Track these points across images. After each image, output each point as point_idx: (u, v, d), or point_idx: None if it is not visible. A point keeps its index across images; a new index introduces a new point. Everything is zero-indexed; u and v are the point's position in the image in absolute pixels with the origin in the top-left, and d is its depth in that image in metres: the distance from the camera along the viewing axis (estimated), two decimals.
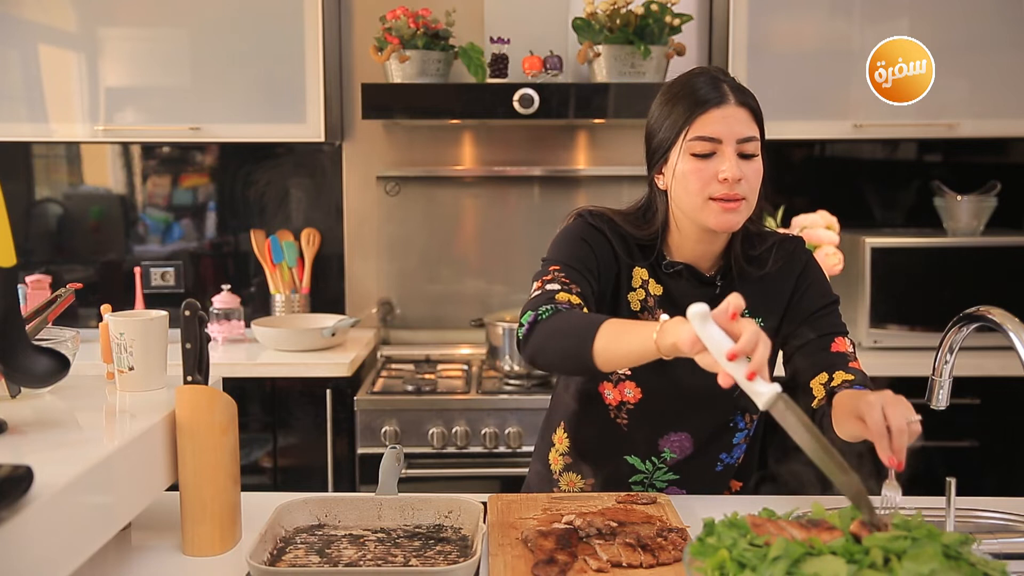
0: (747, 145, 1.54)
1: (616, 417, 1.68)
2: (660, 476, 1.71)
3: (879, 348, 2.97)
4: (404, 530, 1.49)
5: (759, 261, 1.66)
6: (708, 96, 1.54)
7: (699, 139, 1.53)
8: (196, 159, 3.41)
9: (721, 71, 1.61)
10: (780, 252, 1.68)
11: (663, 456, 1.69)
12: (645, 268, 1.65)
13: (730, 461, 1.72)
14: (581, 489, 1.75)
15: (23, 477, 1.03)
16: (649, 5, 2.93)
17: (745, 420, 1.70)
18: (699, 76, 1.58)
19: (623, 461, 1.70)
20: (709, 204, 1.55)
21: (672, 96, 1.58)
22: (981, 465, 2.88)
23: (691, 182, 1.55)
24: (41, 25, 3.05)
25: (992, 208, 3.12)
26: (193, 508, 1.43)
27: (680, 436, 1.68)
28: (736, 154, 1.53)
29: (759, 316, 1.64)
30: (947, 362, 1.47)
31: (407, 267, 3.39)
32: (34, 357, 1.28)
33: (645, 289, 1.64)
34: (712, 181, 1.53)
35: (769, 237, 1.70)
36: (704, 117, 1.53)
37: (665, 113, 1.58)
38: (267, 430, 2.94)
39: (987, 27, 3.03)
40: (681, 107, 1.55)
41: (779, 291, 1.67)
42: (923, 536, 1.04)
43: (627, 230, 1.65)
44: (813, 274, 1.70)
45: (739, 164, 1.53)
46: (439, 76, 3.01)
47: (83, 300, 3.08)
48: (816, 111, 3.05)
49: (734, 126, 1.53)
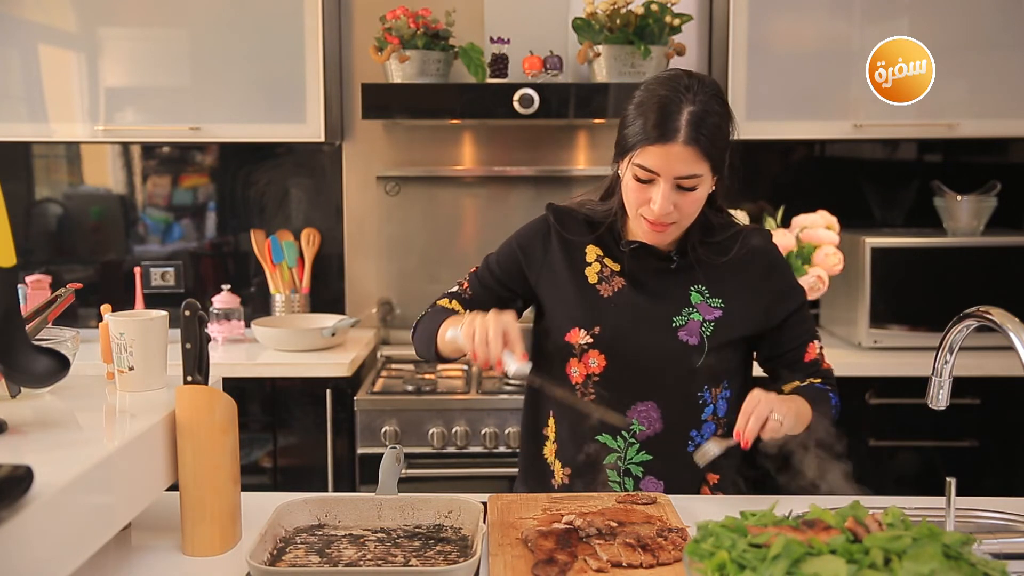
0: (686, 180, 1.60)
1: (584, 395, 1.73)
2: (633, 456, 1.72)
3: (879, 348, 2.97)
4: (404, 530, 1.49)
5: (720, 248, 1.74)
6: (659, 129, 1.57)
7: (640, 167, 1.61)
8: (196, 159, 3.41)
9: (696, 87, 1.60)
10: (745, 242, 1.75)
11: (632, 429, 1.71)
12: (599, 246, 1.76)
13: (701, 441, 1.74)
14: (562, 478, 1.77)
15: (23, 477, 1.03)
16: (649, 5, 2.93)
17: (711, 394, 1.73)
18: (664, 101, 1.59)
19: (595, 442, 1.72)
20: (640, 219, 1.66)
21: (640, 105, 1.63)
22: (981, 465, 2.88)
23: (629, 197, 1.66)
24: (41, 25, 3.05)
25: (992, 208, 3.12)
26: (193, 508, 1.43)
27: (647, 405, 1.71)
28: (673, 187, 1.60)
29: (719, 297, 1.72)
30: (947, 362, 1.47)
31: (407, 267, 3.39)
32: (34, 357, 1.28)
33: (601, 263, 1.76)
34: (645, 204, 1.63)
35: (733, 227, 1.78)
36: (649, 149, 1.59)
37: (634, 116, 1.63)
38: (267, 430, 2.94)
39: (987, 27, 3.03)
40: (638, 125, 1.61)
41: (742, 280, 1.74)
42: (923, 536, 1.04)
43: (585, 213, 1.78)
44: (785, 273, 1.79)
45: (673, 196, 1.60)
46: (439, 76, 3.01)
47: (83, 300, 3.08)
48: (816, 111, 3.05)
49: (674, 164, 1.58)
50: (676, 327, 1.70)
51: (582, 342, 1.71)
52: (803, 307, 1.77)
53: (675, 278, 1.73)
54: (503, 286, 1.81)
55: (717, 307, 1.72)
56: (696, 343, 1.69)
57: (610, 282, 1.74)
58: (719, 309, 1.71)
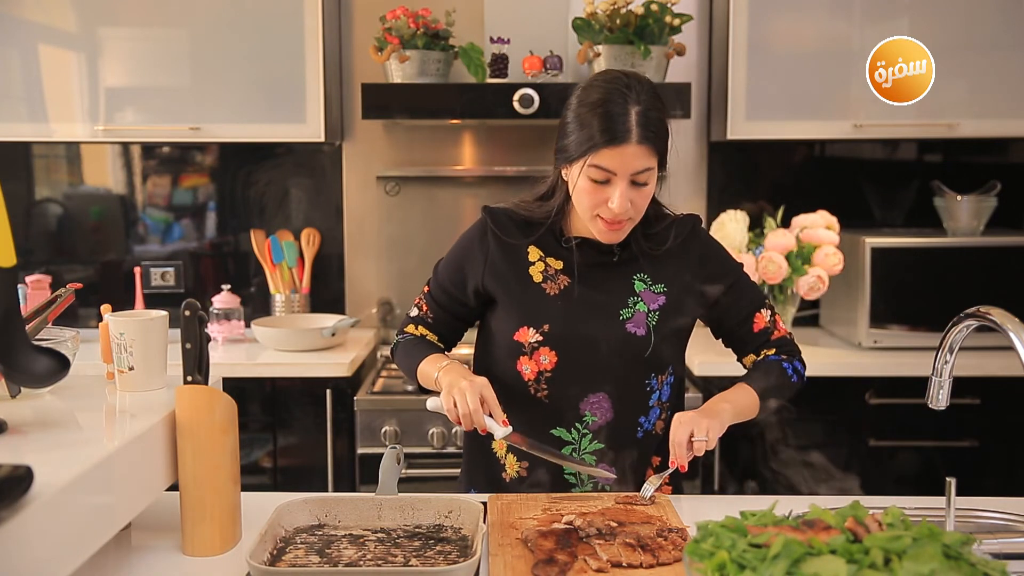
0: (640, 175, 1.64)
1: (536, 392, 1.74)
2: (587, 447, 1.74)
3: (879, 348, 2.97)
4: (404, 530, 1.49)
5: (658, 238, 1.78)
6: (613, 132, 1.61)
7: (596, 167, 1.64)
8: (196, 159, 3.41)
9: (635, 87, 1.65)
10: (679, 229, 1.80)
11: (585, 420, 1.73)
12: (540, 247, 1.79)
13: (648, 427, 1.77)
14: (517, 471, 1.78)
15: (23, 477, 1.03)
16: (649, 5, 2.93)
17: (657, 381, 1.76)
18: (613, 98, 1.63)
19: (550, 436, 1.74)
20: (596, 220, 1.69)
21: (585, 109, 1.65)
22: (981, 465, 2.88)
23: (584, 199, 1.68)
24: (41, 25, 3.05)
25: (992, 208, 3.11)
26: (193, 508, 1.43)
27: (599, 397, 1.73)
28: (628, 184, 1.64)
29: (661, 283, 1.77)
30: (947, 362, 1.47)
31: (407, 267, 3.39)
32: (34, 357, 1.28)
33: (544, 262, 1.78)
34: (602, 204, 1.66)
35: (667, 216, 1.82)
36: (604, 151, 1.62)
37: (576, 125, 1.66)
38: (267, 430, 2.94)
39: (987, 27, 3.03)
40: (587, 131, 1.64)
41: (680, 264, 1.79)
42: (923, 536, 1.04)
43: (525, 214, 1.80)
44: (716, 252, 1.84)
45: (629, 193, 1.64)
46: (439, 76, 3.01)
47: (83, 300, 3.08)
48: (816, 111, 3.05)
49: (630, 162, 1.62)
50: (623, 319, 1.73)
51: (532, 340, 1.73)
52: (739, 281, 1.81)
53: (618, 270, 1.77)
54: (456, 301, 1.84)
55: (660, 292, 1.76)
56: (643, 334, 1.73)
57: (555, 280, 1.76)
58: (662, 295, 1.76)
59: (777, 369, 1.80)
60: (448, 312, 1.86)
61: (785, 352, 1.82)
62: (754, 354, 1.82)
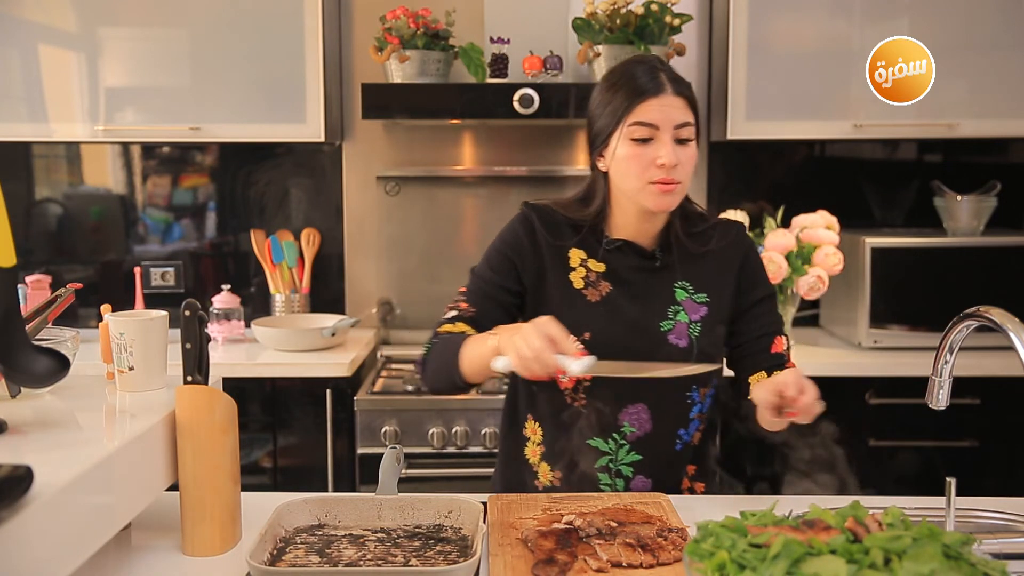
0: (683, 131, 1.64)
1: (574, 400, 1.72)
2: (623, 457, 1.72)
3: (879, 348, 2.97)
4: (404, 530, 1.49)
5: (700, 238, 1.76)
6: (647, 86, 1.63)
7: (638, 124, 1.63)
8: (196, 159, 3.41)
9: (658, 60, 1.70)
10: (722, 232, 1.78)
11: (623, 431, 1.71)
12: (583, 249, 1.75)
13: (687, 439, 1.74)
14: (551, 481, 1.76)
15: (23, 477, 1.03)
16: (649, 5, 2.93)
17: (699, 393, 1.74)
18: (638, 65, 1.68)
19: (586, 447, 1.72)
20: (648, 187, 1.64)
21: (612, 84, 1.67)
22: (981, 465, 2.88)
23: (631, 166, 1.65)
24: (41, 25, 3.05)
25: (992, 208, 3.12)
26: (193, 508, 1.43)
27: (638, 408, 1.71)
28: (672, 140, 1.63)
29: (703, 292, 1.73)
30: (947, 362, 1.47)
31: (407, 267, 3.39)
32: (34, 357, 1.28)
33: (585, 267, 1.74)
34: (650, 166, 1.63)
35: (710, 217, 1.80)
36: (643, 105, 1.62)
37: (606, 100, 1.67)
38: (267, 430, 2.94)
39: (987, 27, 3.03)
40: (621, 95, 1.64)
41: (723, 270, 1.76)
42: (923, 536, 1.04)
43: (567, 216, 1.76)
44: (755, 262, 1.80)
45: (675, 150, 1.62)
46: (439, 76, 3.01)
47: (83, 300, 3.08)
48: (816, 111, 3.05)
49: (671, 113, 1.62)
50: (665, 331, 1.70)
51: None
52: (772, 299, 1.79)
53: (659, 276, 1.74)
54: (504, 290, 1.75)
55: (702, 302, 1.73)
56: (685, 345, 1.70)
57: (596, 287, 1.73)
58: (704, 305, 1.73)
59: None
60: (492, 300, 1.74)
61: None
62: (765, 373, 1.72)
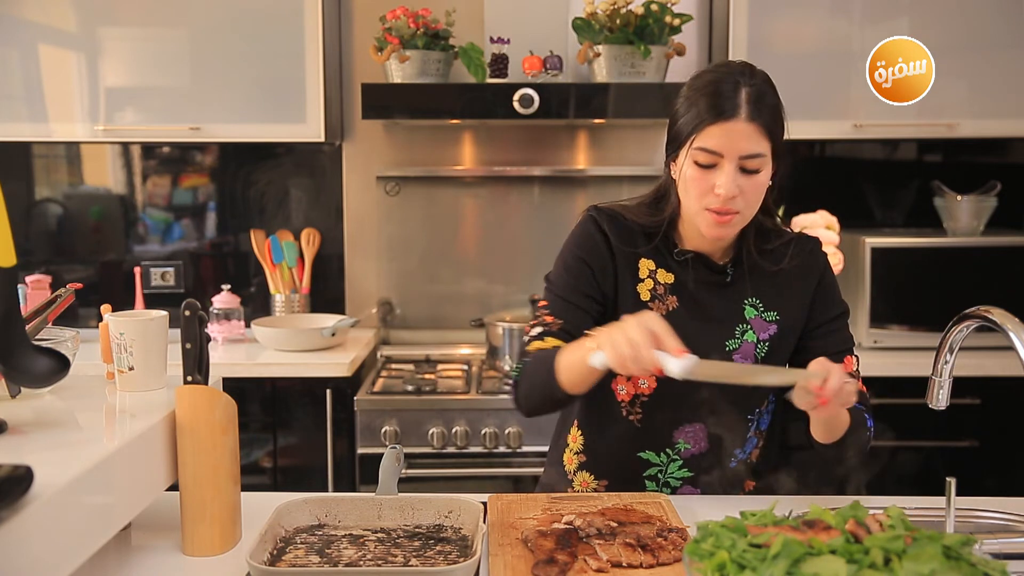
0: (750, 161, 1.54)
1: (629, 414, 1.68)
2: (674, 471, 1.69)
3: (879, 348, 2.97)
4: (404, 530, 1.49)
5: (774, 255, 1.68)
6: (721, 107, 1.53)
7: (702, 150, 1.54)
8: (196, 159, 3.41)
9: (748, 72, 1.58)
10: (797, 249, 1.69)
11: (677, 447, 1.68)
12: (652, 259, 1.67)
13: (743, 456, 1.71)
14: (595, 489, 1.74)
15: (23, 477, 1.03)
16: (649, 5, 2.93)
17: (757, 412, 1.70)
18: (724, 79, 1.56)
19: (636, 458, 1.69)
20: (704, 213, 1.57)
21: (694, 91, 1.58)
22: (981, 465, 2.88)
23: (690, 188, 1.57)
24: (41, 25, 3.05)
25: (992, 208, 3.12)
26: (193, 508, 1.43)
27: (695, 427, 1.67)
28: (737, 169, 1.53)
29: (774, 310, 1.67)
30: (947, 362, 1.47)
31: (407, 267, 3.39)
32: (34, 357, 1.28)
33: (653, 279, 1.67)
34: (709, 193, 1.55)
35: (785, 234, 1.71)
36: (711, 129, 1.53)
37: (685, 107, 1.58)
38: (267, 430, 2.94)
39: (987, 27, 3.03)
40: (696, 109, 1.55)
41: (797, 288, 1.69)
42: (923, 536, 1.04)
43: (637, 221, 1.68)
44: (831, 280, 1.72)
45: (737, 179, 1.53)
46: (439, 76, 3.01)
47: (83, 300, 3.08)
48: (816, 111, 3.05)
49: (738, 142, 1.52)
50: (730, 351, 1.65)
51: None
52: (843, 318, 1.71)
53: (729, 293, 1.67)
54: (587, 297, 1.66)
55: (772, 321, 1.66)
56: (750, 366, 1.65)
57: (663, 300, 1.65)
58: (774, 323, 1.66)
59: (861, 419, 1.63)
60: (581, 311, 1.65)
61: (863, 405, 1.67)
62: None
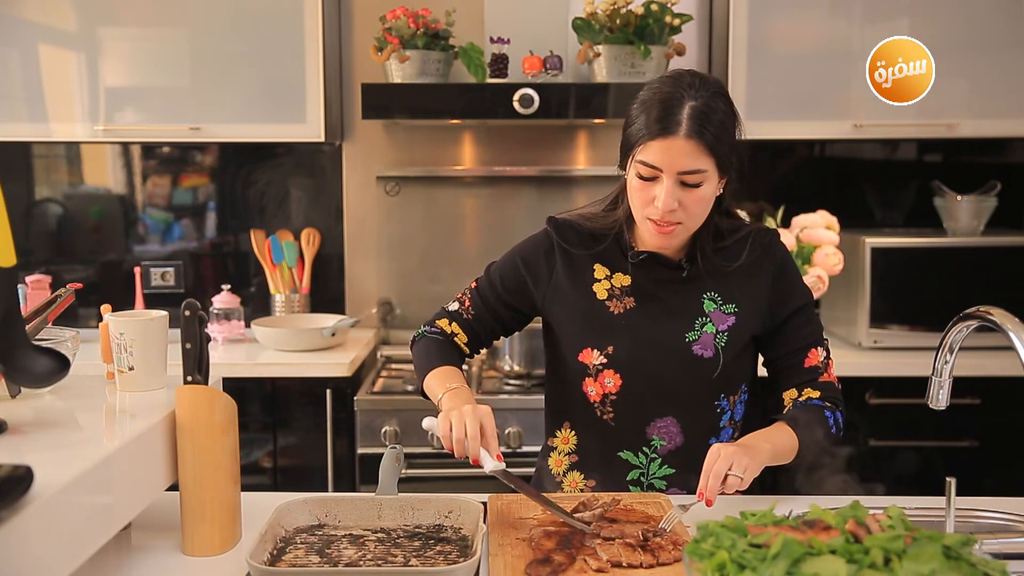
0: (689, 176, 1.57)
1: (602, 414, 1.71)
2: (656, 471, 1.71)
3: (879, 348, 2.97)
4: (404, 530, 1.49)
5: (730, 253, 1.71)
6: (662, 123, 1.55)
7: (643, 163, 1.58)
8: (196, 159, 3.41)
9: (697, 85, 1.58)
10: (755, 244, 1.72)
11: (653, 445, 1.70)
12: (607, 264, 1.73)
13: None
14: (581, 490, 1.76)
15: (23, 477, 1.03)
16: (649, 5, 2.93)
17: (728, 401, 1.72)
18: (671, 94, 1.57)
19: (617, 459, 1.71)
20: (646, 222, 1.62)
21: (642, 103, 1.61)
22: (981, 465, 2.88)
23: (634, 198, 1.63)
24: (41, 25, 3.05)
25: (992, 208, 3.12)
26: (193, 508, 1.43)
27: (666, 421, 1.69)
28: (676, 183, 1.57)
29: (732, 303, 1.70)
30: (947, 362, 1.47)
31: (407, 267, 3.39)
32: (34, 357, 1.28)
33: (609, 280, 1.72)
34: (650, 204, 1.60)
35: (743, 228, 1.74)
36: (651, 144, 1.56)
37: (634, 116, 1.62)
38: (267, 430, 2.94)
39: (987, 27, 3.03)
40: (640, 122, 1.59)
41: (754, 282, 1.71)
42: (923, 536, 1.04)
43: (592, 227, 1.74)
44: (790, 272, 1.75)
45: (677, 193, 1.57)
46: (439, 76, 3.01)
47: (83, 300, 3.08)
48: (816, 111, 3.05)
49: (676, 159, 1.55)
50: (690, 342, 1.67)
51: (596, 362, 1.69)
52: (807, 308, 1.73)
53: (686, 288, 1.70)
54: (505, 305, 1.78)
55: (731, 313, 1.69)
56: (711, 355, 1.67)
57: (620, 299, 1.70)
58: (732, 315, 1.69)
59: (819, 416, 1.66)
60: (492, 312, 1.79)
61: (829, 399, 1.69)
62: (796, 390, 1.70)
